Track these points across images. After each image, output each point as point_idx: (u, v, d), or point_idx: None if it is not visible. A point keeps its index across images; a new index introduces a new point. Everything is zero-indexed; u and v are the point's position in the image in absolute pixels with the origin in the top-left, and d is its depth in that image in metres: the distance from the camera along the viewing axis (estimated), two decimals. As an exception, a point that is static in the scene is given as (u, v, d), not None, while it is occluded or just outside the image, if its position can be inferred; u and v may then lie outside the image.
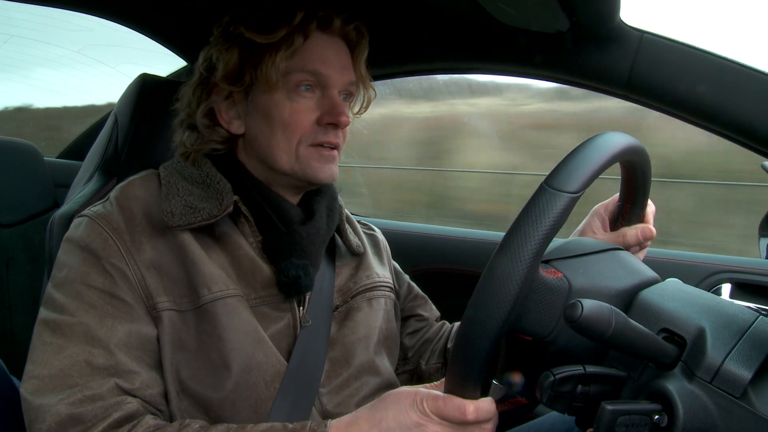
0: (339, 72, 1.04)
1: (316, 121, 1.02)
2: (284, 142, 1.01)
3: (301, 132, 1.01)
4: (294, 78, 1.01)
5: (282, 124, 1.01)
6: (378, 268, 1.21)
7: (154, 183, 1.03)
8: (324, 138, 1.02)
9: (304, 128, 1.01)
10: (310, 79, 1.02)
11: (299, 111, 1.01)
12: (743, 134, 1.08)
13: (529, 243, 0.66)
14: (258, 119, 1.03)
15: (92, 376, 0.86)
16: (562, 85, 1.28)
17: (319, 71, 1.01)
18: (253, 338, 0.95)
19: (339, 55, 1.05)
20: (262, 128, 1.03)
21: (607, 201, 1.07)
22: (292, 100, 1.01)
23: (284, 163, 1.02)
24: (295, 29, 1.00)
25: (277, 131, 1.01)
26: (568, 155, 0.72)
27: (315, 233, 1.04)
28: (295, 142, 1.01)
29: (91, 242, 0.94)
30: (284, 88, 1.01)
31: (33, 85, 3.57)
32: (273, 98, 1.01)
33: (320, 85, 1.03)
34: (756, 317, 0.72)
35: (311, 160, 1.02)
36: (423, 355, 1.26)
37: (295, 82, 1.01)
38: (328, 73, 1.02)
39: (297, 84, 1.01)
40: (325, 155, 1.03)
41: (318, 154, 1.02)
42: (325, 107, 1.02)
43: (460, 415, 0.76)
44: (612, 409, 0.63)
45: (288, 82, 1.01)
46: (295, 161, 1.01)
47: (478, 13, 1.11)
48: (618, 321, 0.63)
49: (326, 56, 1.03)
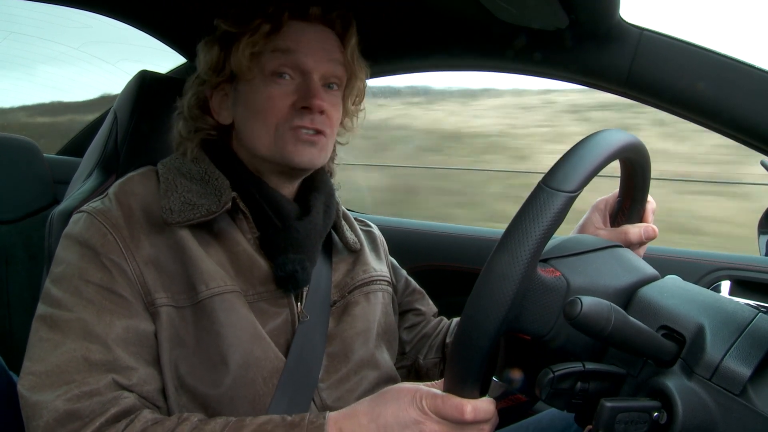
0: (318, 56, 1.03)
1: (292, 105, 1.02)
2: (263, 127, 1.02)
3: (277, 117, 1.01)
4: (268, 63, 1.01)
5: (258, 111, 1.02)
6: (375, 263, 1.21)
7: (152, 180, 1.03)
8: (300, 122, 1.01)
9: (279, 113, 1.01)
10: (286, 62, 1.01)
11: (274, 96, 1.01)
12: (743, 131, 1.08)
13: (527, 243, 0.66)
14: (241, 108, 1.05)
15: (89, 371, 0.86)
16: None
17: (292, 49, 1.01)
18: (251, 334, 0.95)
19: (321, 41, 1.05)
20: (244, 117, 1.04)
21: (607, 196, 1.07)
22: (268, 86, 1.02)
23: (264, 149, 1.02)
24: (266, 18, 1.01)
25: (255, 118, 1.02)
26: (565, 154, 0.72)
27: (311, 229, 1.05)
28: (273, 128, 1.01)
29: (89, 238, 0.94)
30: (261, 75, 1.02)
31: (36, 82, 3.57)
32: (251, 86, 1.03)
33: (299, 70, 1.02)
34: (755, 314, 0.72)
35: (287, 143, 1.01)
36: (421, 350, 1.26)
37: (270, 69, 1.01)
38: (304, 53, 1.02)
39: (273, 70, 1.01)
40: (303, 138, 1.02)
41: (295, 137, 1.01)
42: (300, 92, 1.02)
43: (458, 414, 0.76)
44: (611, 406, 0.63)
45: (263, 68, 1.02)
46: (273, 145, 1.02)
47: (478, 10, 1.11)
48: (617, 318, 0.63)
49: (301, 39, 1.03)
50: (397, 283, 1.29)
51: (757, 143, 1.08)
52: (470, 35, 1.31)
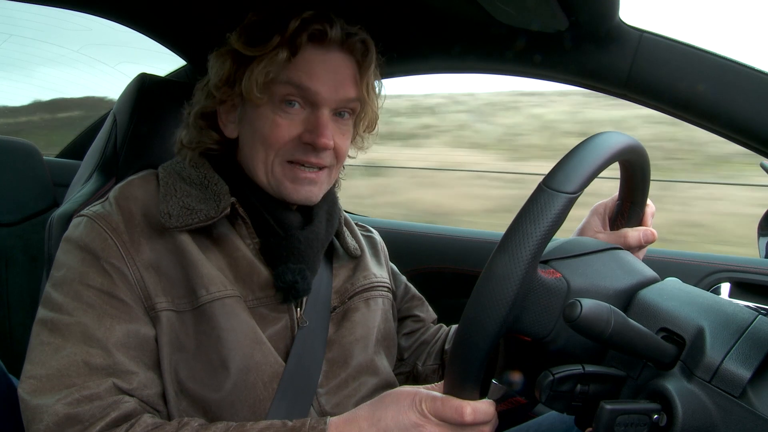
0: (331, 88, 0.99)
1: (298, 137, 0.99)
2: (262, 154, 1.00)
3: (277, 147, 0.99)
4: (278, 91, 0.98)
5: (261, 137, 1.00)
6: (375, 269, 1.21)
7: (152, 183, 1.03)
8: (300, 156, 0.99)
9: (281, 143, 0.99)
10: (295, 92, 0.98)
11: (280, 126, 0.99)
12: (742, 133, 1.08)
13: (527, 244, 0.66)
14: (246, 128, 1.03)
15: (90, 375, 0.86)
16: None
17: (304, 86, 0.98)
18: (252, 339, 0.95)
19: (336, 70, 1.00)
20: (248, 137, 1.03)
21: (606, 200, 1.07)
22: (276, 114, 0.99)
23: (261, 177, 1.01)
24: (283, 42, 0.97)
25: (257, 143, 1.00)
26: (566, 155, 0.72)
27: (314, 238, 1.04)
28: (272, 156, 1.00)
29: (90, 242, 0.94)
30: (270, 102, 0.99)
31: (35, 84, 3.57)
32: (259, 110, 1.00)
33: (309, 101, 0.99)
34: (755, 316, 0.72)
35: (285, 179, 1.00)
36: (420, 356, 1.26)
37: (280, 96, 0.99)
38: (315, 89, 0.98)
39: (282, 98, 0.99)
40: (301, 177, 1.00)
41: (293, 175, 1.00)
42: (307, 125, 0.99)
43: (458, 416, 0.76)
44: (611, 409, 0.63)
45: (273, 95, 0.99)
46: (271, 176, 1.01)
47: (478, 13, 1.11)
48: (617, 320, 0.63)
49: (315, 71, 0.98)
50: (396, 289, 1.29)
51: (756, 145, 1.08)
52: (470, 37, 1.31)
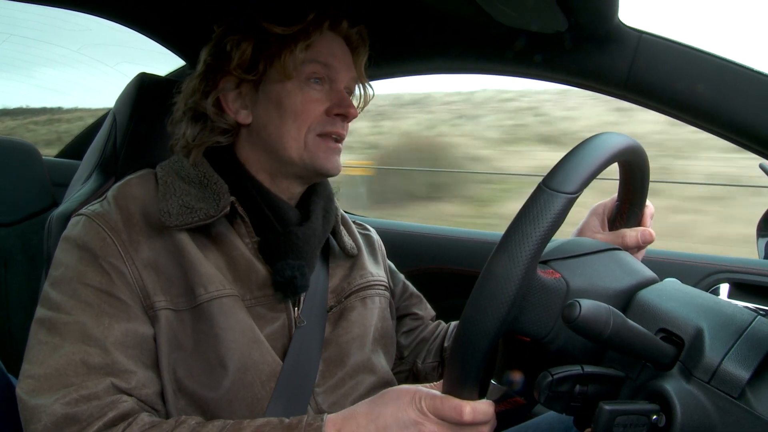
0: (345, 68, 1.09)
1: (326, 111, 1.05)
2: (294, 130, 1.03)
3: (310, 121, 1.04)
4: (307, 69, 1.04)
5: (293, 113, 1.03)
6: (372, 267, 1.21)
7: (151, 182, 1.03)
8: (332, 128, 1.05)
9: (314, 117, 1.04)
10: (321, 71, 1.06)
11: (311, 101, 1.04)
12: (742, 134, 1.08)
13: (527, 244, 0.66)
14: (269, 108, 1.05)
15: (88, 375, 0.86)
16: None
17: (330, 64, 1.06)
18: (249, 338, 0.95)
19: (344, 53, 1.10)
20: (273, 117, 1.04)
21: (605, 200, 1.07)
22: (304, 90, 1.04)
23: (293, 152, 1.04)
24: (311, 24, 1.04)
25: (287, 120, 1.03)
26: (566, 156, 0.72)
27: (311, 234, 1.05)
28: (305, 131, 1.04)
29: (88, 241, 0.94)
30: (297, 79, 1.04)
31: (35, 85, 3.57)
32: (285, 88, 1.04)
33: (329, 78, 1.07)
34: (754, 317, 0.72)
35: (319, 150, 1.05)
36: (419, 354, 1.26)
37: (308, 74, 1.04)
38: (338, 67, 1.07)
39: (309, 76, 1.05)
40: (332, 147, 1.06)
41: (325, 146, 1.05)
42: (334, 99, 1.06)
43: (457, 415, 0.76)
44: (610, 409, 0.63)
45: (301, 73, 1.04)
46: (303, 150, 1.04)
47: (477, 13, 1.11)
48: (616, 321, 0.63)
49: (335, 52, 1.08)
50: (394, 288, 1.29)
51: (755, 146, 1.08)
52: (469, 38, 1.31)
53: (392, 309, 1.25)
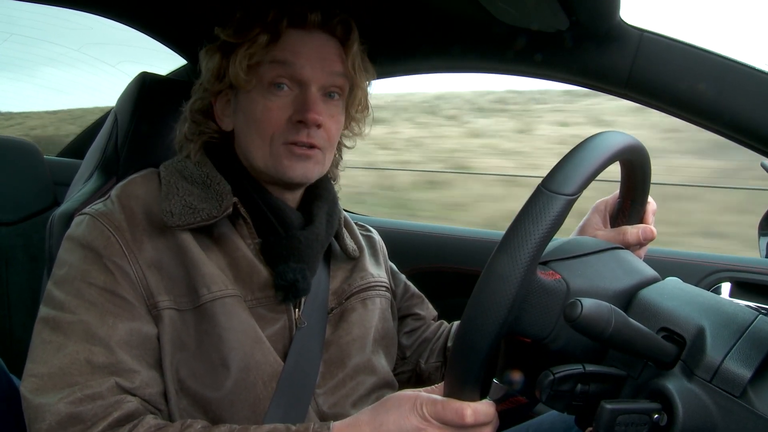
0: (317, 67, 1.02)
1: (288, 118, 1.01)
2: (259, 139, 1.02)
3: (272, 130, 1.01)
4: (266, 74, 1.01)
5: (255, 122, 1.02)
6: (373, 269, 1.21)
7: (154, 182, 1.03)
8: (295, 137, 1.00)
9: (276, 126, 1.01)
10: (283, 73, 1.00)
11: (272, 109, 1.01)
12: (743, 133, 1.07)
13: (526, 247, 0.66)
14: (240, 117, 1.05)
15: (92, 374, 0.86)
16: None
17: (289, 61, 1.00)
18: (252, 338, 0.95)
19: (320, 50, 1.03)
20: (242, 126, 1.05)
21: (607, 197, 1.07)
22: (266, 98, 1.01)
23: (259, 161, 1.03)
24: (264, 27, 1.00)
25: (252, 129, 1.02)
26: (565, 157, 0.72)
27: (314, 239, 1.05)
28: (269, 140, 1.01)
29: (92, 240, 0.94)
30: (259, 86, 1.01)
31: (37, 84, 3.57)
32: (250, 96, 1.02)
33: (296, 81, 1.01)
34: (756, 316, 0.72)
35: (282, 158, 1.01)
36: (422, 354, 1.26)
37: (269, 79, 1.01)
38: (301, 64, 1.00)
39: (271, 81, 1.01)
40: (297, 153, 1.01)
41: (289, 152, 1.01)
42: (296, 105, 1.01)
43: (459, 418, 0.76)
44: (611, 408, 0.63)
45: (261, 79, 1.01)
46: (268, 158, 1.02)
47: (479, 12, 1.11)
48: (617, 320, 0.63)
49: (299, 49, 1.01)
50: (396, 288, 1.29)
51: (757, 145, 1.08)
52: (470, 37, 1.31)
53: (394, 310, 1.25)
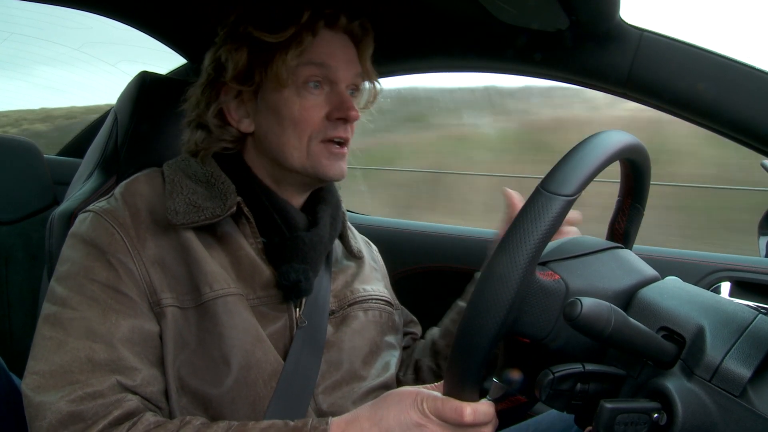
0: (346, 66, 1.05)
1: (326, 116, 1.03)
2: (295, 139, 1.02)
3: (311, 128, 1.02)
4: (302, 73, 1.01)
5: (292, 121, 1.01)
6: (375, 284, 1.21)
7: (158, 181, 1.03)
8: (334, 133, 1.02)
9: (314, 124, 1.02)
10: (318, 73, 1.02)
11: (309, 107, 1.02)
12: (743, 133, 1.08)
13: (525, 247, 0.66)
14: (268, 117, 1.03)
15: (93, 372, 0.86)
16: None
17: (327, 63, 1.02)
18: (253, 336, 0.95)
19: (345, 50, 1.06)
20: (273, 126, 1.03)
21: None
22: (302, 96, 1.02)
23: (295, 161, 1.02)
24: (303, 27, 1.00)
25: (287, 128, 1.02)
26: (563, 157, 0.72)
27: (318, 241, 1.05)
28: (306, 139, 1.02)
29: (96, 237, 0.94)
30: (293, 85, 1.01)
31: (34, 83, 3.56)
32: (282, 95, 1.02)
33: (328, 80, 1.03)
34: (755, 316, 0.72)
35: (321, 157, 1.03)
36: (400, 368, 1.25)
37: (304, 78, 1.01)
38: (335, 66, 1.03)
39: (305, 80, 1.02)
40: (335, 152, 1.03)
41: (328, 152, 1.03)
42: (334, 103, 1.03)
43: (458, 417, 0.76)
44: (611, 408, 0.63)
45: (297, 78, 1.01)
46: (306, 158, 1.02)
47: (478, 11, 1.11)
48: (617, 319, 0.63)
49: (333, 51, 1.04)
50: (397, 306, 1.29)
51: (757, 144, 1.08)
52: (470, 36, 1.31)
53: (393, 323, 1.23)
